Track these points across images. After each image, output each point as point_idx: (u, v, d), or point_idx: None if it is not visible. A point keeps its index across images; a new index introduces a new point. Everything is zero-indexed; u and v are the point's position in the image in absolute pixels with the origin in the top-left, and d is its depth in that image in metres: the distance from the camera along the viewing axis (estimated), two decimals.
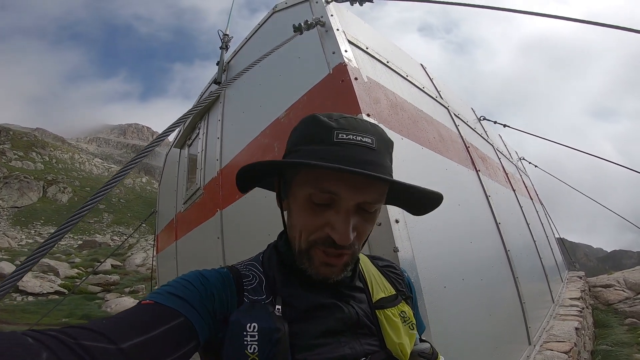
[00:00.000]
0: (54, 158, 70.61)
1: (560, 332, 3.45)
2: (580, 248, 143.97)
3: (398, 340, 0.67)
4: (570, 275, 7.74)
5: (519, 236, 3.79)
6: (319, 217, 0.60)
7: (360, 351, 0.63)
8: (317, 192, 0.58)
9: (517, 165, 6.62)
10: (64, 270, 16.84)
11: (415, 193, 0.65)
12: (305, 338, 0.61)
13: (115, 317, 0.50)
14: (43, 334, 0.40)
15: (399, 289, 0.78)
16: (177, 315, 0.53)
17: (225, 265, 0.71)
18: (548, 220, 7.81)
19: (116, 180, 0.96)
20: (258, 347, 0.55)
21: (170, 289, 0.58)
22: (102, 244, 31.53)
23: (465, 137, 3.07)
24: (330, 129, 0.60)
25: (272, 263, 0.70)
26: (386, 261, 0.86)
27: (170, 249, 4.68)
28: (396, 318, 0.70)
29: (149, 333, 0.47)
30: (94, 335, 0.43)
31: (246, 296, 0.64)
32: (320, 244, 0.60)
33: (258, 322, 0.58)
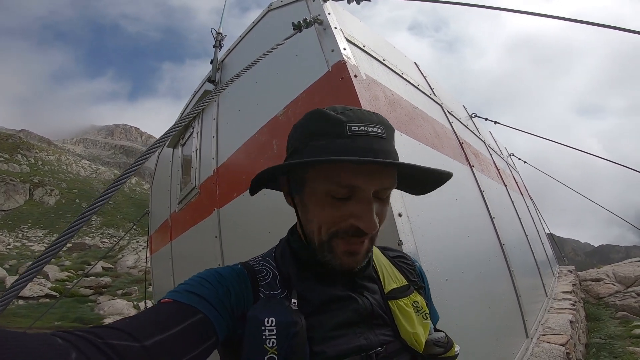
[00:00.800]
0: (39, 160, 69.14)
1: (556, 324, 3.51)
2: (567, 243, 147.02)
3: (412, 329, 0.68)
4: (561, 269, 7.90)
5: (512, 231, 3.85)
6: (341, 209, 0.60)
7: (376, 341, 0.64)
8: (337, 186, 0.59)
9: (507, 161, 6.73)
10: (53, 273, 16.54)
11: (425, 174, 0.67)
12: (321, 330, 0.62)
13: (137, 315, 0.51)
14: (72, 334, 0.41)
15: (410, 279, 0.79)
16: (196, 312, 0.54)
17: (238, 262, 0.71)
18: (538, 215, 7.96)
19: (116, 186, 0.94)
20: (277, 341, 0.56)
21: (188, 287, 0.59)
22: (92, 247, 31.02)
23: (459, 133, 3.12)
24: (341, 122, 0.60)
25: (285, 258, 0.71)
26: (397, 252, 0.86)
27: (165, 250, 4.62)
28: (409, 308, 0.71)
29: (170, 330, 0.49)
30: (119, 333, 0.45)
31: (261, 291, 0.65)
32: (343, 234, 0.61)
33: (276, 317, 0.58)
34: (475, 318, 1.88)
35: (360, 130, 0.60)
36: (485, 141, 4.82)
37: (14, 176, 53.84)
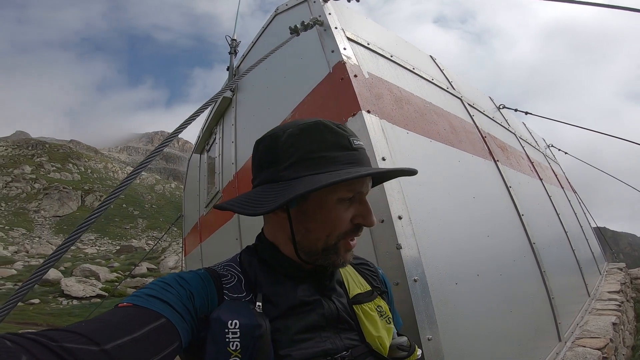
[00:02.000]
0: (89, 168, 75.01)
1: (595, 327, 3.25)
2: (623, 237, 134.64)
3: (376, 333, 0.69)
4: (610, 267, 7.27)
5: (547, 228, 3.61)
6: (347, 212, 0.67)
7: (341, 345, 0.65)
8: (349, 192, 0.66)
9: (544, 153, 6.29)
10: (104, 274, 17.86)
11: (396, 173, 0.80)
12: (287, 334, 0.62)
13: (95, 319, 0.49)
14: (22, 337, 0.39)
15: (374, 285, 0.81)
16: (159, 316, 0.52)
17: (202, 267, 0.72)
18: (583, 209, 7.37)
19: (129, 180, 1.01)
20: (240, 344, 0.56)
21: (150, 291, 0.58)
22: (138, 249, 33.18)
23: (482, 126, 2.96)
24: (345, 136, 0.68)
25: (252, 263, 0.71)
26: (360, 259, 0.89)
27: (196, 252, 4.85)
28: (373, 312, 0.73)
29: (131, 334, 0.47)
30: (75, 336, 0.42)
31: (226, 294, 0.65)
32: (351, 234, 0.68)
33: (240, 319, 0.58)
34: (492, 323, 1.78)
35: (359, 144, 0.69)
36: (516, 133, 4.55)
37: (67, 184, 58.86)
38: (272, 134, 0.70)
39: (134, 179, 1.06)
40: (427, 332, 1.21)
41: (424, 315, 1.22)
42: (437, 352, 1.21)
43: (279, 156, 0.66)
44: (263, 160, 0.70)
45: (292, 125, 0.69)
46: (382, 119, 1.59)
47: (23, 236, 41.61)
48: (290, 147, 0.65)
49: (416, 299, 1.22)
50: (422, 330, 1.19)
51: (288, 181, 0.64)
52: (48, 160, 67.04)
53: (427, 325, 1.22)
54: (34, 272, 0.74)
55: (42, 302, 13.17)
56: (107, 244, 41.61)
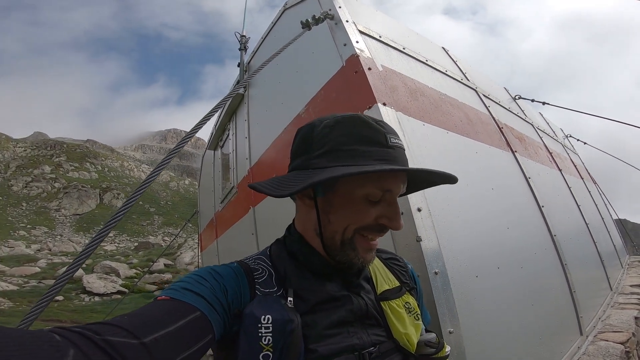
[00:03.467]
0: (106, 167, 76.99)
1: (618, 321, 3.18)
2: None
3: (404, 330, 0.69)
4: (632, 260, 7.05)
5: (567, 219, 3.52)
6: (373, 211, 0.65)
7: (368, 341, 0.65)
8: (376, 190, 0.64)
9: (563, 144, 6.11)
10: (123, 270, 18.36)
11: (433, 177, 0.72)
12: (316, 329, 0.63)
13: (134, 312, 0.51)
14: (69, 331, 0.41)
15: (402, 281, 0.80)
16: (194, 309, 0.54)
17: (234, 261, 0.73)
18: (604, 200, 7.15)
19: (150, 180, 1.03)
20: (272, 339, 0.57)
21: (185, 284, 0.59)
22: (155, 245, 33.96)
23: (498, 117, 2.90)
24: (382, 132, 0.66)
25: (282, 257, 0.72)
26: (390, 254, 0.88)
27: (212, 247, 4.92)
28: (401, 309, 0.72)
29: (168, 327, 0.49)
30: (118, 330, 0.44)
31: (258, 289, 0.65)
32: (369, 231, 0.65)
33: (272, 314, 0.59)
34: (513, 316, 1.75)
35: (396, 142, 0.67)
36: (534, 123, 4.43)
37: (85, 183, 60.57)
38: (310, 123, 0.72)
39: (155, 177, 1.08)
40: (448, 325, 1.20)
41: (445, 308, 1.21)
42: (458, 346, 1.20)
43: (312, 145, 0.67)
44: (298, 148, 0.71)
45: (330, 117, 0.70)
46: (397, 111, 1.57)
47: (45, 234, 43.14)
48: (324, 138, 0.66)
49: (437, 292, 1.22)
50: (443, 323, 1.18)
51: (316, 169, 0.65)
52: (66, 160, 69.10)
53: (448, 319, 1.21)
54: (64, 271, 0.76)
55: (65, 299, 13.61)
56: (126, 241, 42.76)
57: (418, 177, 0.72)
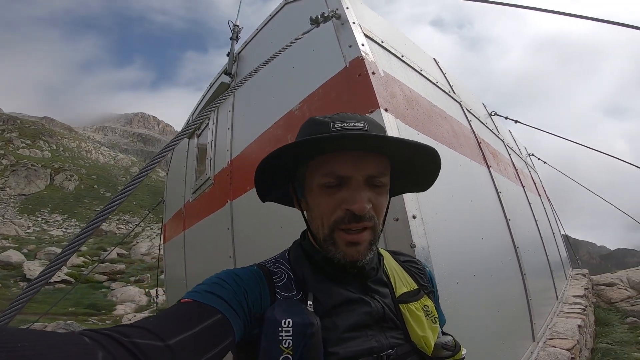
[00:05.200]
0: (61, 146, 71.46)
1: (564, 329, 3.46)
2: (583, 245, 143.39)
3: (422, 333, 0.70)
4: (575, 273, 7.73)
5: (527, 233, 3.78)
6: (334, 198, 0.65)
7: (386, 344, 0.66)
8: (328, 177, 0.65)
9: (526, 161, 6.57)
10: (70, 259, 17.05)
11: (412, 155, 0.71)
12: (335, 332, 0.63)
13: (159, 315, 0.53)
14: (98, 333, 0.42)
15: (421, 284, 0.80)
16: (215, 312, 0.55)
17: (254, 264, 0.73)
18: (555, 216, 7.77)
19: (140, 178, 0.96)
20: (293, 342, 0.58)
21: (207, 287, 0.60)
22: (108, 233, 31.91)
23: (477, 132, 3.05)
24: (326, 123, 0.68)
25: (299, 260, 0.73)
26: (407, 256, 0.88)
27: (178, 239, 4.71)
28: (419, 312, 0.72)
29: (191, 330, 0.50)
30: (144, 332, 0.46)
31: (278, 292, 0.66)
32: (341, 222, 0.65)
33: (292, 318, 0.59)
34: (484, 320, 1.86)
35: (343, 126, 0.66)
36: (504, 140, 4.71)
37: (36, 161, 55.72)
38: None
39: (149, 172, 1.00)
40: None
41: None
42: None
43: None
44: None
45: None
46: (397, 118, 1.60)
47: None
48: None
49: None
50: None
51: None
52: (18, 136, 63.15)
53: None
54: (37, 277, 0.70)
55: (2, 286, 12.45)
56: (75, 226, 39.78)
57: (401, 162, 0.72)
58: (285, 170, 0.75)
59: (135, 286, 13.81)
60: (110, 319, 10.22)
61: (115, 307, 11.31)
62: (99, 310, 10.83)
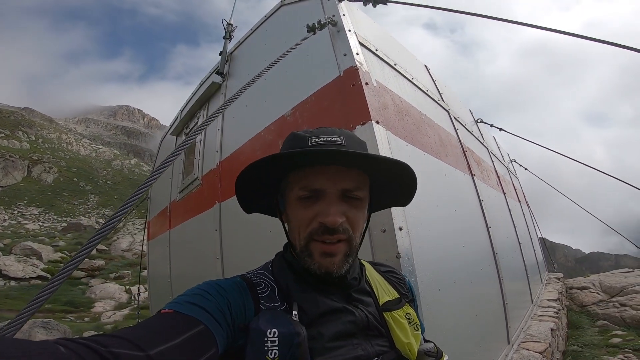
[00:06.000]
0: (40, 137, 68.91)
1: (537, 332, 3.58)
2: (559, 248, 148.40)
3: (406, 340, 0.72)
4: (550, 276, 8.00)
5: (506, 239, 3.90)
6: (310, 210, 0.67)
7: (372, 352, 0.67)
8: (302, 190, 0.68)
9: (508, 168, 6.75)
10: (47, 254, 16.48)
11: (387, 170, 0.74)
12: (320, 341, 0.64)
13: (139, 325, 0.52)
14: (75, 343, 0.41)
15: (402, 293, 0.83)
16: (197, 323, 0.55)
17: (237, 275, 0.74)
18: (533, 221, 8.04)
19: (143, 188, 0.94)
20: (279, 352, 0.58)
21: (189, 298, 0.60)
22: (87, 227, 30.93)
23: (463, 141, 3.13)
24: (304, 138, 0.71)
25: (283, 271, 0.74)
26: (387, 267, 0.92)
27: (163, 237, 4.65)
28: (402, 320, 0.75)
29: (172, 340, 0.49)
30: (123, 342, 0.45)
31: (262, 303, 0.67)
32: (315, 234, 0.67)
33: (278, 328, 0.60)
34: (462, 325, 1.92)
35: (320, 141, 0.69)
36: (489, 148, 4.83)
37: (14, 152, 53.50)
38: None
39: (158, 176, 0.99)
40: None
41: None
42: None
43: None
44: None
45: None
46: (387, 130, 1.63)
47: None
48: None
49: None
50: None
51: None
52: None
53: None
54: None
55: None
56: (52, 220, 38.44)
57: (381, 177, 0.75)
58: (271, 183, 0.77)
59: (115, 283, 13.47)
60: (88, 316, 9.94)
61: (94, 304, 11.00)
62: (77, 307, 10.51)
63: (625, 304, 5.98)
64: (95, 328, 8.37)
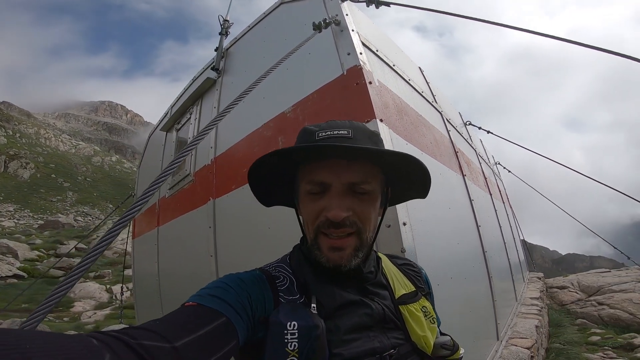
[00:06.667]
0: (18, 132, 66.24)
1: (523, 329, 3.71)
2: (537, 250, 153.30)
3: (422, 333, 0.73)
4: (531, 276, 8.27)
5: (493, 238, 4.01)
6: (316, 204, 0.68)
7: (388, 344, 0.69)
8: (311, 185, 0.69)
9: (493, 170, 6.94)
10: (23, 252, 15.85)
11: (395, 162, 0.72)
12: (338, 334, 0.65)
13: (165, 318, 0.53)
14: (107, 335, 0.42)
15: (418, 286, 0.84)
16: (220, 315, 0.56)
17: (256, 268, 0.75)
18: (515, 222, 8.29)
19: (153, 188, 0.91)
20: (298, 344, 0.59)
21: (211, 291, 0.61)
22: (65, 225, 29.88)
23: (455, 142, 3.20)
24: (313, 132, 0.72)
25: (301, 264, 0.75)
26: (404, 259, 0.92)
27: (151, 235, 4.55)
28: (418, 313, 0.76)
29: (197, 332, 0.51)
30: (151, 334, 0.46)
31: (281, 296, 0.68)
32: (322, 227, 0.67)
33: (298, 321, 0.61)
34: (458, 320, 1.98)
35: (327, 134, 0.70)
36: (476, 149, 4.96)
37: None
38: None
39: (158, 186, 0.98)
40: None
41: None
42: None
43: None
44: None
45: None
46: (390, 128, 1.66)
47: None
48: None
49: None
50: None
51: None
52: None
53: None
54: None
55: None
56: (28, 218, 36.99)
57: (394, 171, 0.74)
58: (286, 176, 0.77)
59: (96, 282, 13.08)
60: (68, 316, 9.63)
61: (74, 303, 10.65)
62: (56, 307, 10.15)
63: (602, 302, 6.24)
64: (75, 328, 8.12)
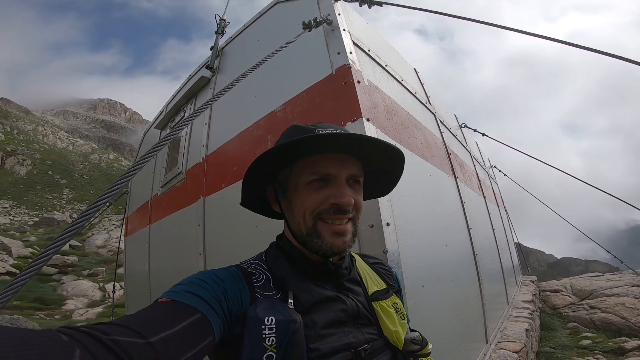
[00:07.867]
0: (15, 129, 65.94)
1: (513, 332, 3.71)
2: (533, 253, 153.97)
3: (394, 328, 0.75)
4: (524, 279, 8.29)
5: (485, 241, 4.02)
6: (320, 193, 0.71)
7: (362, 339, 0.70)
8: (315, 175, 0.71)
9: (488, 172, 6.96)
10: (17, 249, 15.73)
11: (384, 158, 0.80)
12: (314, 328, 0.66)
13: (138, 313, 0.53)
14: (76, 331, 0.41)
15: (389, 283, 0.88)
16: (195, 311, 0.56)
17: (232, 265, 0.75)
18: (510, 226, 8.31)
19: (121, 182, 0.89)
20: (276, 339, 0.60)
21: (186, 287, 0.61)
22: (60, 222, 29.70)
23: (448, 144, 3.21)
24: (311, 129, 0.74)
25: (279, 261, 0.76)
26: (375, 258, 0.96)
27: (143, 233, 4.53)
28: (390, 309, 0.78)
29: (172, 328, 0.50)
30: (124, 330, 0.45)
31: (257, 292, 0.69)
32: (325, 213, 0.70)
33: (275, 316, 0.62)
34: (445, 323, 1.97)
35: (327, 132, 0.72)
36: (471, 152, 4.97)
37: None
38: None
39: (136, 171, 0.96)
40: None
41: None
42: None
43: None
44: None
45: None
46: (377, 128, 1.66)
47: None
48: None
49: None
50: None
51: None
52: None
53: None
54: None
55: None
56: (24, 214, 36.75)
57: (375, 161, 0.79)
58: (264, 175, 0.79)
59: (89, 280, 12.99)
60: (59, 314, 9.55)
61: (65, 301, 10.57)
62: (47, 305, 10.06)
63: (595, 306, 6.24)
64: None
